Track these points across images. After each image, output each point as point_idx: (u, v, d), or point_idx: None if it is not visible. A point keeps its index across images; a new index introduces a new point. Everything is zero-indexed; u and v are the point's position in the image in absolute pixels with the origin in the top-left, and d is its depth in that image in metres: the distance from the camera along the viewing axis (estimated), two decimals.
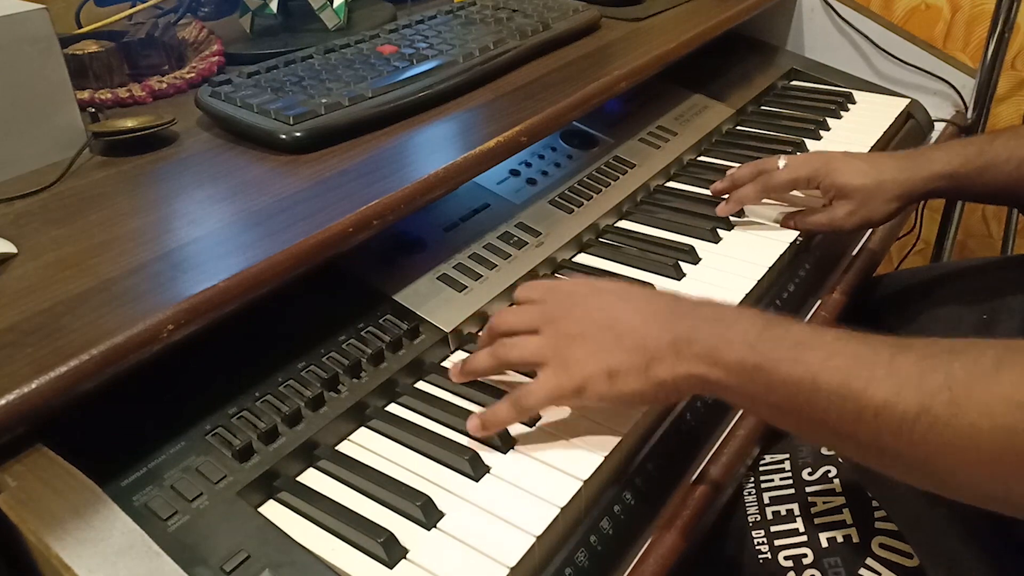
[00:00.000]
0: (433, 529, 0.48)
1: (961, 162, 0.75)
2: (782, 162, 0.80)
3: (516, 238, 0.73)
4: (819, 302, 0.79)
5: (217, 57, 0.85)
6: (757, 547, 0.59)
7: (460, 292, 0.66)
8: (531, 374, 0.55)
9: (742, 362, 0.48)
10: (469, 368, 0.57)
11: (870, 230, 0.91)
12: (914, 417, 0.41)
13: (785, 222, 0.81)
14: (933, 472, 0.43)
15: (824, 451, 0.64)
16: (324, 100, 0.69)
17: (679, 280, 0.73)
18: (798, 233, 0.80)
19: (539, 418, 0.56)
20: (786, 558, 0.57)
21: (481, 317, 0.66)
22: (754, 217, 0.83)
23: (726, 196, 0.83)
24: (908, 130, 1.09)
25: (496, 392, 0.58)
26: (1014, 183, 0.73)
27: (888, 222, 0.79)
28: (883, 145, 1.02)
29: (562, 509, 0.49)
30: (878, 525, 0.57)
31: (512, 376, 0.59)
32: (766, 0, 1.11)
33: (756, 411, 0.52)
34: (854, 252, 0.88)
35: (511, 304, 0.65)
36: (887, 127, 1.04)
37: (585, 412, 0.56)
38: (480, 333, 0.60)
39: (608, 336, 0.52)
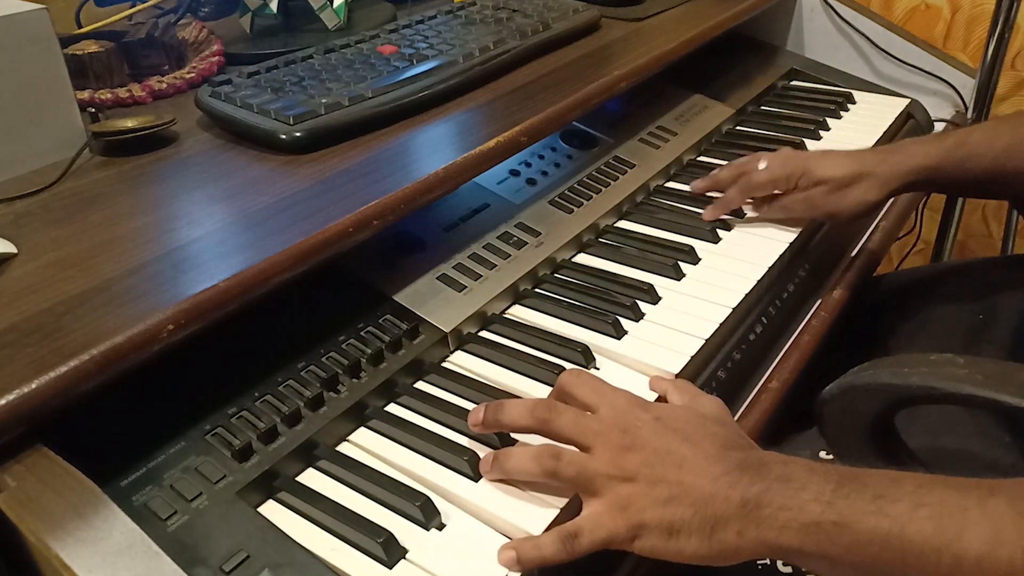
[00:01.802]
0: (432, 529, 0.48)
1: (941, 154, 0.74)
2: (763, 163, 0.80)
3: (516, 238, 0.73)
4: (819, 302, 0.79)
5: (217, 57, 0.85)
6: None
7: (460, 292, 0.66)
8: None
9: (819, 523, 0.43)
10: (506, 468, 0.51)
11: (870, 229, 0.91)
12: (1020, 561, 0.39)
13: (759, 206, 0.80)
14: None
15: (823, 455, 0.64)
16: (324, 100, 0.69)
17: (679, 280, 0.73)
18: (797, 234, 0.79)
19: None
20: (785, 564, 0.57)
21: (481, 317, 0.66)
22: (754, 217, 0.83)
23: (710, 195, 0.84)
24: (908, 130, 1.09)
25: (496, 393, 0.58)
26: (992, 174, 0.73)
27: (864, 216, 0.77)
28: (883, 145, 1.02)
29: (561, 509, 0.50)
30: None
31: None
32: (766, 0, 1.11)
33: (835, 573, 0.46)
34: (854, 252, 0.88)
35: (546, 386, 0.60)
36: (887, 127, 1.04)
37: None
38: (509, 412, 0.53)
39: (670, 485, 0.47)
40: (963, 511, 0.41)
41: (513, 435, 0.54)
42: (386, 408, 0.58)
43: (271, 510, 0.50)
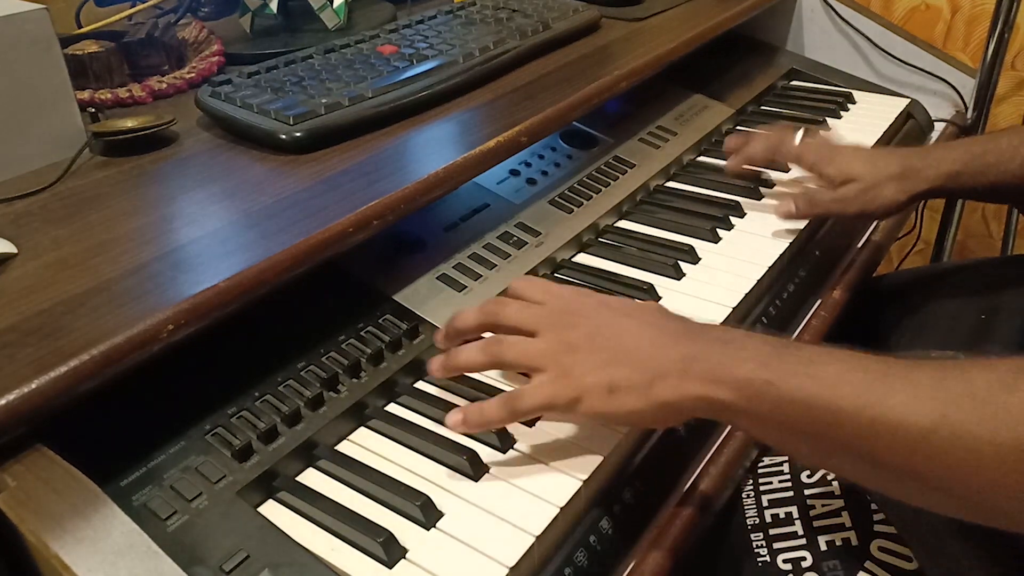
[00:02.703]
0: (432, 529, 0.48)
1: (966, 160, 0.75)
2: (798, 136, 0.82)
3: (516, 238, 0.73)
4: (819, 302, 0.79)
5: (217, 57, 0.85)
6: (756, 550, 0.59)
7: (460, 292, 0.66)
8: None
9: (751, 379, 0.46)
10: (456, 363, 0.55)
11: (870, 229, 0.91)
12: (932, 428, 0.40)
13: (785, 206, 0.79)
14: (951, 490, 0.41)
15: None
16: (324, 100, 0.69)
17: (679, 280, 0.73)
18: (798, 234, 0.79)
19: (539, 418, 0.56)
20: (785, 561, 0.57)
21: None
22: (754, 217, 0.83)
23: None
24: (908, 130, 1.09)
25: (496, 393, 0.58)
26: (1017, 182, 0.74)
27: (889, 216, 0.79)
28: (883, 145, 1.02)
29: (561, 509, 0.49)
30: (877, 528, 0.57)
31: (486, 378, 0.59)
32: (766, 0, 1.11)
33: (764, 434, 0.49)
34: (854, 252, 0.88)
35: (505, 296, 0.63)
36: (887, 127, 1.04)
37: None
38: (462, 317, 0.57)
39: (612, 350, 0.50)
40: (887, 379, 0.43)
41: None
42: (386, 408, 0.58)
43: (271, 510, 0.50)
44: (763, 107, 1.11)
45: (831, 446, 0.45)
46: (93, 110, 0.72)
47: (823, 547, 0.57)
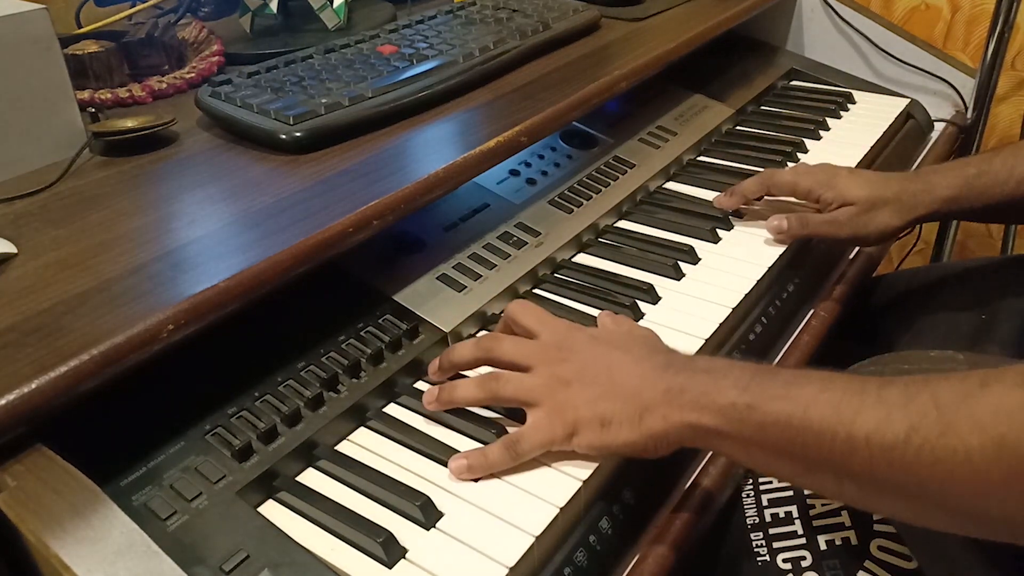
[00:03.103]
0: (432, 529, 0.48)
1: (961, 185, 0.75)
2: (790, 168, 0.82)
3: (516, 238, 0.73)
4: (819, 302, 0.79)
5: (217, 57, 0.85)
6: (755, 550, 0.59)
7: (460, 292, 0.66)
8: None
9: (735, 403, 0.48)
10: (452, 397, 0.56)
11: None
12: (904, 440, 0.41)
13: (776, 222, 0.78)
14: (926, 497, 0.43)
15: None
16: (324, 100, 0.69)
17: (679, 280, 0.73)
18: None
19: None
20: (784, 560, 0.57)
21: (480, 317, 0.66)
22: (754, 219, 0.83)
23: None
24: (908, 130, 1.09)
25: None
26: (1013, 201, 0.74)
27: (882, 242, 0.79)
28: (883, 145, 1.02)
29: (561, 509, 0.50)
30: (876, 527, 0.57)
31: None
32: (766, 0, 1.11)
33: (750, 458, 0.51)
34: (854, 252, 0.88)
35: (498, 316, 0.65)
36: (887, 127, 1.04)
37: None
38: (458, 351, 0.58)
39: (603, 384, 0.52)
40: (861, 396, 0.44)
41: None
42: (386, 408, 0.58)
43: (271, 510, 0.50)
44: (763, 107, 1.11)
45: (812, 464, 0.47)
46: (93, 110, 0.72)
47: (823, 546, 0.57)
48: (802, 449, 0.46)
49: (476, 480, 0.52)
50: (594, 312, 0.67)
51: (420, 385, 0.60)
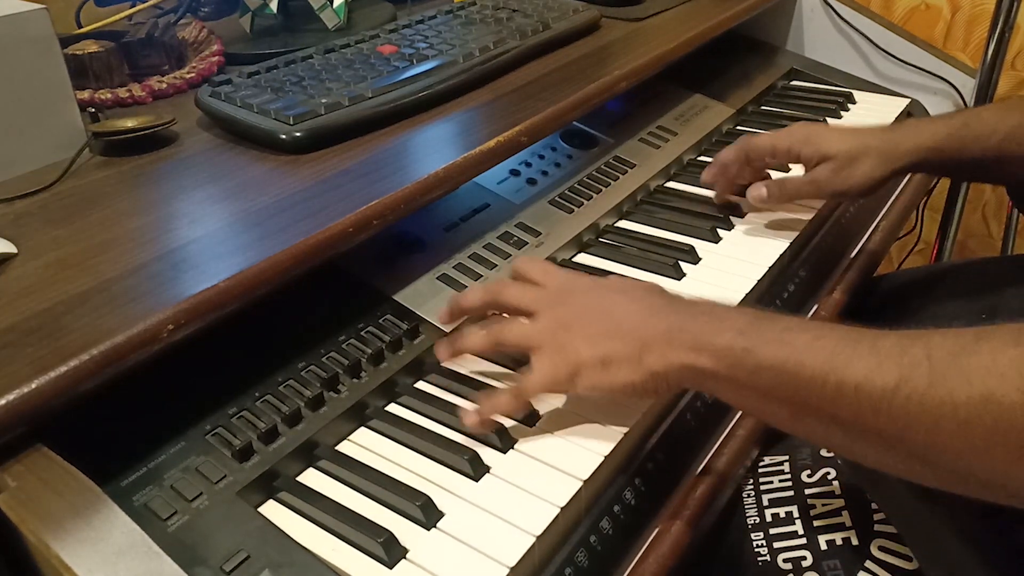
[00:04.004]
0: (433, 529, 0.48)
1: (946, 133, 0.74)
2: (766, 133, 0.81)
3: (516, 238, 0.73)
4: (819, 302, 0.79)
5: (217, 57, 0.85)
6: (756, 549, 0.59)
7: (460, 292, 0.66)
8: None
9: (731, 347, 0.48)
10: (462, 346, 0.58)
11: (870, 229, 0.91)
12: (893, 389, 0.42)
13: (756, 190, 0.78)
14: (911, 449, 0.43)
15: (824, 453, 0.64)
16: (324, 100, 0.69)
17: (679, 280, 0.73)
18: (797, 234, 0.79)
19: (539, 417, 0.56)
20: (785, 560, 0.57)
21: (481, 318, 0.66)
22: (754, 217, 0.83)
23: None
24: None
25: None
26: (996, 157, 0.73)
27: (867, 194, 0.77)
28: None
29: (562, 509, 0.49)
30: (877, 528, 0.57)
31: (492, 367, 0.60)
32: (766, 0, 1.11)
33: (744, 401, 0.52)
34: (854, 252, 0.88)
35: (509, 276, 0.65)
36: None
37: (585, 411, 0.56)
38: (466, 296, 0.60)
39: (604, 325, 0.53)
40: (855, 345, 0.44)
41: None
42: (386, 408, 0.58)
43: (271, 510, 0.50)
44: (763, 107, 1.11)
45: (802, 410, 0.47)
46: (93, 110, 0.71)
47: (823, 546, 0.57)
48: (793, 393, 0.46)
49: (484, 430, 0.53)
50: None
51: (421, 385, 0.60)
